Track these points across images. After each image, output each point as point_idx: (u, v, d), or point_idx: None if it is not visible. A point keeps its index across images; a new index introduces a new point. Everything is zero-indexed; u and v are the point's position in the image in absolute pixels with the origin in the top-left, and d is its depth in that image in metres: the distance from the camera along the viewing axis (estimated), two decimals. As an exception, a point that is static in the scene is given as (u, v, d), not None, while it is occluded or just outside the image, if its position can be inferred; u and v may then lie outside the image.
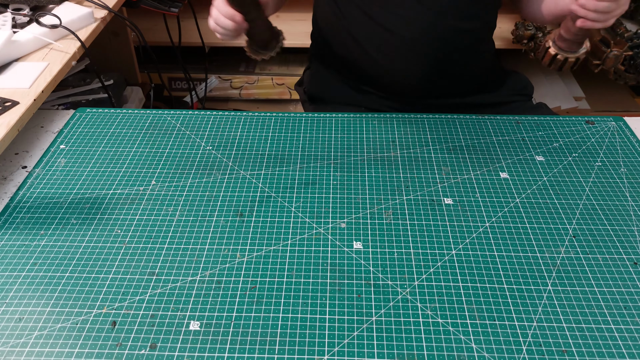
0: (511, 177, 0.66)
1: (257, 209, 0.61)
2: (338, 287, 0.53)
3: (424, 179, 0.66)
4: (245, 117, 0.77)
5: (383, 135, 0.73)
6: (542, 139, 0.73)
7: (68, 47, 0.85)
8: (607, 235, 0.58)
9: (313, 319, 0.50)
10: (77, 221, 0.60)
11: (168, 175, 0.66)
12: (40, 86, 0.75)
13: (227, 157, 0.69)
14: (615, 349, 0.47)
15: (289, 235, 0.58)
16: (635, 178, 0.66)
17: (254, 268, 0.54)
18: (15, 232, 0.59)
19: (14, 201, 0.63)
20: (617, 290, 0.52)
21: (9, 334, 0.48)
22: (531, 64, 1.62)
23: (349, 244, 0.57)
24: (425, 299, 0.51)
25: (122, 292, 0.52)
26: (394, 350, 0.47)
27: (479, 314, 0.50)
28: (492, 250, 0.56)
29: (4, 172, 0.68)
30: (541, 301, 0.51)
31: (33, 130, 0.75)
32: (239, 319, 0.50)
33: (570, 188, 0.65)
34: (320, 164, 0.68)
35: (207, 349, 0.47)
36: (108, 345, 0.47)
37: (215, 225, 0.59)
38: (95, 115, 0.77)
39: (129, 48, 1.35)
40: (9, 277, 0.54)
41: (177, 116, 0.77)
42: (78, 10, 0.91)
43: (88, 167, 0.68)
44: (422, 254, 0.56)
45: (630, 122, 0.76)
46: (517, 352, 0.47)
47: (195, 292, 0.52)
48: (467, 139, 0.73)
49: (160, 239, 0.58)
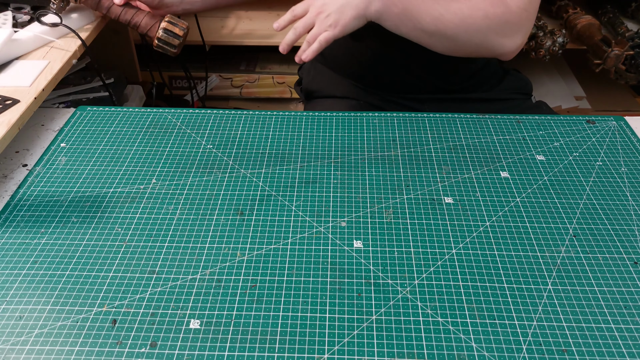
0: (511, 176, 0.66)
1: (257, 208, 0.61)
2: (338, 285, 0.53)
3: (424, 178, 0.66)
4: (245, 115, 0.77)
5: (383, 134, 0.73)
6: (543, 138, 0.73)
7: (69, 46, 0.85)
8: (608, 235, 0.58)
9: (313, 318, 0.50)
10: (77, 219, 0.60)
11: (168, 174, 0.66)
12: (41, 84, 0.75)
13: (228, 155, 0.69)
14: (615, 349, 0.47)
15: (289, 234, 0.58)
16: (635, 178, 0.66)
17: (254, 267, 0.55)
18: (16, 230, 0.59)
19: (15, 199, 0.63)
20: (617, 290, 0.52)
21: (9, 332, 0.48)
22: (531, 63, 1.62)
23: (349, 243, 0.57)
24: (425, 298, 0.51)
25: (122, 290, 0.52)
26: (394, 349, 0.47)
27: (479, 313, 0.50)
28: (493, 250, 0.56)
29: (5, 170, 0.68)
30: (541, 300, 0.51)
31: (34, 128, 0.75)
32: (239, 318, 0.50)
33: (571, 187, 0.65)
34: (321, 162, 0.68)
35: (207, 347, 0.47)
36: (108, 343, 0.47)
37: (215, 224, 0.59)
38: (96, 114, 0.77)
39: (130, 46, 1.35)
40: (9, 275, 0.54)
41: (178, 115, 0.77)
42: (78, 9, 0.92)
43: (88, 166, 0.68)
44: (422, 253, 0.56)
45: (631, 122, 0.76)
46: (517, 351, 0.47)
47: (196, 291, 0.52)
48: (467, 138, 0.73)
49: (160, 238, 0.58)
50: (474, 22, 0.70)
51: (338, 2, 0.69)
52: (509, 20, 0.71)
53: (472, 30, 0.71)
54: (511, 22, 0.71)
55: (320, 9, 0.69)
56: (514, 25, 0.72)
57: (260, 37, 1.46)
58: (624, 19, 1.46)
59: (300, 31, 0.71)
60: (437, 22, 0.70)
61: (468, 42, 0.72)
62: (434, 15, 0.70)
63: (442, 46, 0.74)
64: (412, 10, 0.70)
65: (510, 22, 0.71)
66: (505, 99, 0.90)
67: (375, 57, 0.85)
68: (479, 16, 0.70)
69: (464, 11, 0.70)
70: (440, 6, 0.70)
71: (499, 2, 0.70)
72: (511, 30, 0.72)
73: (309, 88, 0.97)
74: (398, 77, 0.87)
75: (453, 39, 0.72)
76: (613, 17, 1.46)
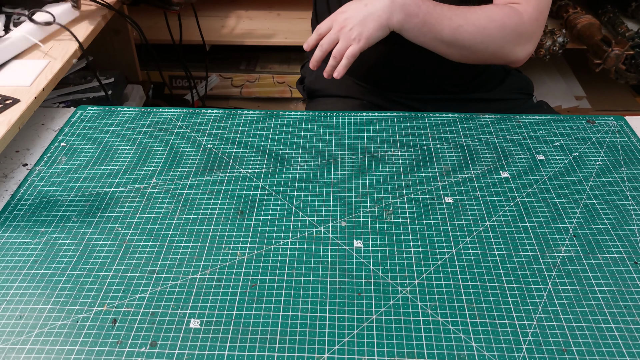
0: (512, 176, 0.66)
1: (257, 207, 0.61)
2: (338, 285, 0.53)
3: (425, 178, 0.66)
4: (245, 115, 0.77)
5: (384, 134, 0.73)
6: (543, 138, 0.73)
7: (69, 45, 0.85)
8: (608, 235, 0.58)
9: (313, 317, 0.50)
10: (77, 219, 0.60)
11: (169, 173, 0.66)
12: (41, 84, 0.75)
13: (228, 155, 0.69)
14: (615, 349, 0.47)
15: (290, 234, 0.58)
16: (636, 177, 0.66)
17: (255, 266, 0.55)
18: (16, 229, 0.59)
19: (15, 199, 0.63)
20: (617, 290, 0.52)
21: (9, 332, 0.48)
22: (531, 63, 1.62)
23: (349, 243, 0.57)
24: (425, 298, 0.51)
25: (122, 289, 0.52)
26: (394, 348, 0.47)
27: (479, 312, 0.50)
28: (493, 249, 0.56)
29: (5, 169, 0.68)
30: (541, 300, 0.51)
31: (34, 128, 0.75)
32: (239, 317, 0.50)
33: (571, 187, 0.65)
34: (321, 162, 0.68)
35: (208, 346, 0.47)
36: (108, 342, 0.47)
37: (215, 224, 0.59)
38: (96, 113, 0.77)
39: (130, 46, 1.35)
40: (9, 274, 0.54)
41: (178, 114, 0.77)
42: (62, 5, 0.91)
43: (89, 165, 0.68)
44: (422, 253, 0.56)
45: (631, 122, 0.76)
46: (517, 351, 0.47)
47: (196, 290, 0.52)
48: (467, 138, 0.73)
49: (160, 237, 0.58)
50: (490, 33, 0.73)
51: (360, 15, 0.70)
52: (522, 30, 0.75)
53: (488, 40, 0.74)
54: (524, 31, 0.75)
55: (342, 23, 0.71)
56: (527, 34, 0.75)
57: (260, 37, 1.46)
58: (624, 18, 1.46)
59: (326, 47, 0.72)
60: (455, 33, 0.72)
61: (484, 52, 0.75)
62: (453, 27, 0.72)
63: (458, 55, 0.76)
64: (431, 21, 0.72)
65: (523, 32, 0.75)
66: (507, 99, 0.91)
67: (379, 57, 0.85)
68: (494, 27, 0.73)
69: (481, 22, 0.73)
70: (459, 17, 0.72)
71: (513, 13, 0.74)
72: (524, 39, 0.75)
73: (311, 87, 0.97)
74: (402, 77, 0.87)
75: (470, 49, 0.74)
76: (613, 16, 1.46)
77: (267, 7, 1.60)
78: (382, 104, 0.90)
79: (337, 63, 0.71)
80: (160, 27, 1.37)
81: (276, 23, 1.53)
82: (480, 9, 0.74)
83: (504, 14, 0.74)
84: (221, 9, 1.59)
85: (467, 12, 0.73)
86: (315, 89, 0.96)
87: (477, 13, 0.73)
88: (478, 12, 0.74)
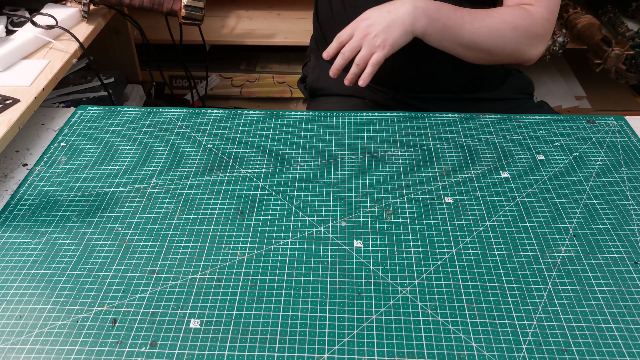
0: (512, 176, 0.66)
1: (257, 207, 0.61)
2: (338, 285, 0.53)
3: (425, 178, 0.66)
4: (245, 115, 0.77)
5: (384, 134, 0.73)
6: (543, 138, 0.73)
7: (69, 45, 0.85)
8: (608, 235, 0.58)
9: (313, 317, 0.50)
10: (77, 219, 0.60)
11: (169, 173, 0.66)
12: (41, 84, 0.75)
13: (228, 155, 0.69)
14: (615, 349, 0.47)
15: (290, 234, 0.58)
16: (636, 177, 0.66)
17: (254, 266, 0.55)
18: (16, 229, 0.59)
19: (15, 199, 0.63)
20: (617, 290, 0.52)
21: (9, 332, 0.48)
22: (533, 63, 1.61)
23: (349, 243, 0.57)
24: (425, 298, 0.51)
25: (122, 289, 0.52)
26: (394, 348, 0.47)
27: (479, 312, 0.50)
28: (493, 249, 0.56)
29: (5, 169, 0.68)
30: (541, 300, 0.51)
31: (34, 127, 0.76)
32: (239, 317, 0.50)
33: (571, 187, 0.65)
34: (321, 162, 0.68)
35: (208, 346, 0.47)
36: (108, 342, 0.47)
37: (215, 224, 0.59)
38: (96, 113, 0.77)
39: (130, 46, 1.35)
40: (9, 274, 0.54)
41: (178, 114, 0.77)
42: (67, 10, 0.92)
43: (89, 165, 0.68)
44: (422, 253, 0.56)
45: (631, 122, 0.76)
46: (517, 351, 0.47)
47: (196, 290, 0.52)
48: (467, 138, 0.73)
49: (160, 237, 0.58)
50: (505, 35, 0.75)
51: (384, 22, 0.71)
52: (535, 31, 0.76)
53: (504, 42, 0.75)
54: (536, 32, 0.76)
55: (365, 31, 0.71)
56: (539, 34, 0.77)
57: (261, 37, 1.46)
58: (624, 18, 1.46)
59: (348, 55, 0.72)
60: (473, 36, 0.74)
61: (500, 53, 0.77)
62: (471, 30, 0.74)
63: (475, 57, 0.78)
64: (452, 25, 0.73)
65: (535, 33, 0.76)
66: (509, 98, 0.91)
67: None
68: (509, 28, 0.75)
69: (496, 24, 0.74)
70: (477, 21, 0.74)
71: (526, 15, 0.75)
72: (536, 40, 0.77)
73: (313, 86, 0.97)
74: (404, 76, 0.87)
75: (486, 51, 0.76)
76: (613, 16, 1.46)
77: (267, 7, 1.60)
78: (384, 103, 0.89)
79: (359, 70, 0.72)
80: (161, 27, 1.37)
81: (276, 23, 1.53)
82: (495, 12, 0.76)
83: (517, 15, 0.75)
84: (221, 9, 1.59)
85: (484, 15, 0.75)
86: (317, 88, 0.96)
87: (493, 16, 0.75)
88: (494, 14, 0.75)
